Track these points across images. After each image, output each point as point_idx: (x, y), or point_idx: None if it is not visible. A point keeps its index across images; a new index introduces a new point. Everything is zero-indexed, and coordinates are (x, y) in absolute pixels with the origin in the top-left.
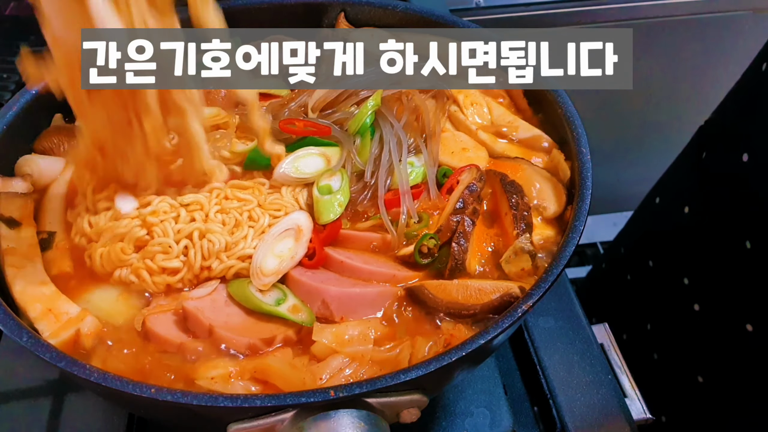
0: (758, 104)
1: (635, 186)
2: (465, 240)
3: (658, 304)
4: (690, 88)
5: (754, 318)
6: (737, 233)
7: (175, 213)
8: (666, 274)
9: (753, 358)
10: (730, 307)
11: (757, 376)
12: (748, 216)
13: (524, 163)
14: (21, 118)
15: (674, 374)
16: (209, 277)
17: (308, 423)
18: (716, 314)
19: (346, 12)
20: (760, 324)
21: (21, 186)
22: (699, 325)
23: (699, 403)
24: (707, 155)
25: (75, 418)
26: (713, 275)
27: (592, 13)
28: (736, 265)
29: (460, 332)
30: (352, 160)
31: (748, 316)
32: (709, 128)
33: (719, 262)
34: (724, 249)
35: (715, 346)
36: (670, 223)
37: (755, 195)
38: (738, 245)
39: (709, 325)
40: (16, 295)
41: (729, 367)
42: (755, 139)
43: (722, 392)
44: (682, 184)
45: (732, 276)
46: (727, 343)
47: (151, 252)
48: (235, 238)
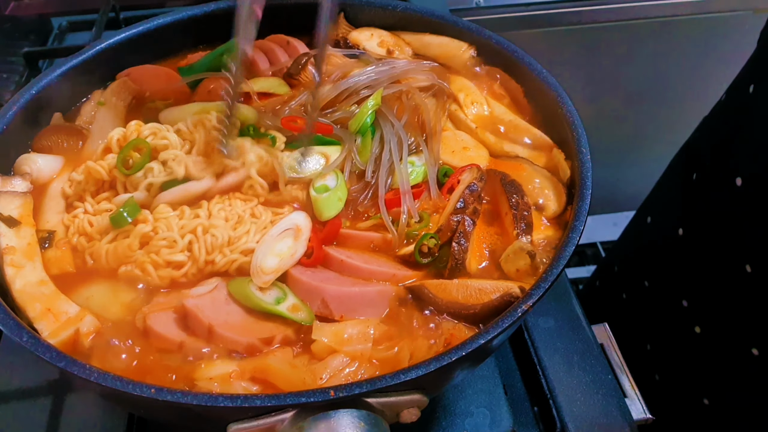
0: (748, 126)
1: (635, 186)
2: (465, 240)
3: (656, 325)
4: (690, 88)
5: (759, 342)
6: (736, 257)
7: (179, 211)
8: (663, 296)
9: (759, 383)
10: (734, 331)
11: (764, 401)
12: (747, 240)
13: (524, 163)
14: (20, 117)
15: (677, 395)
16: (213, 272)
17: (308, 423)
18: (719, 338)
19: (346, 11)
20: (766, 348)
21: (20, 185)
22: (701, 347)
23: (704, 424)
24: (698, 176)
25: (75, 418)
26: (713, 298)
27: (592, 13)
28: (737, 288)
29: (460, 332)
30: (352, 159)
31: (753, 340)
32: (697, 146)
33: (718, 286)
34: (722, 273)
35: (719, 369)
36: (665, 245)
37: (751, 219)
38: (738, 269)
39: (712, 348)
40: (15, 295)
41: (734, 391)
42: (749, 164)
43: (727, 415)
44: (673, 204)
45: (734, 300)
46: (731, 366)
47: (156, 246)
48: (238, 233)
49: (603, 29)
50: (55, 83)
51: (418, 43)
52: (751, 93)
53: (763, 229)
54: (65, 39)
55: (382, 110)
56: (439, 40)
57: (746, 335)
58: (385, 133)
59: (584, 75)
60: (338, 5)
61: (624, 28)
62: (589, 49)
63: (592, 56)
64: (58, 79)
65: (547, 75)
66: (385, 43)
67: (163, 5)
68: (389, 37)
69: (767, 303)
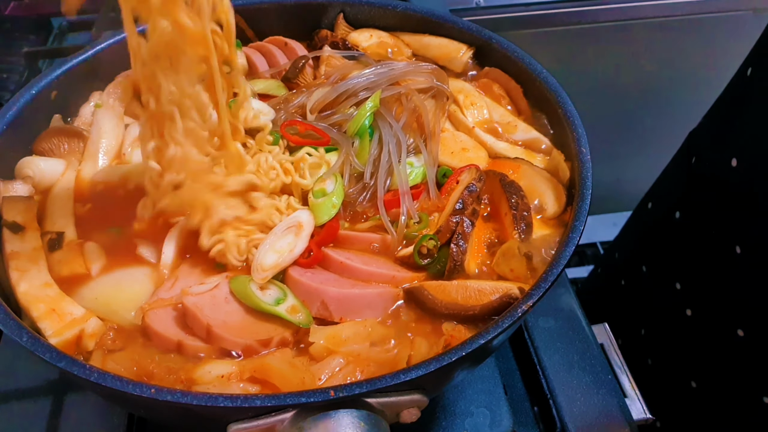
0: (744, 109)
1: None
2: (464, 241)
3: (651, 309)
4: (689, 88)
5: (744, 323)
6: (727, 238)
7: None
8: (659, 280)
9: (744, 364)
10: (721, 313)
11: (748, 382)
12: (737, 221)
13: (524, 164)
14: (21, 118)
15: (668, 379)
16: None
17: (308, 423)
18: (708, 319)
19: (345, 12)
20: (751, 329)
21: (23, 189)
22: (691, 330)
23: (693, 408)
24: (696, 160)
25: (75, 418)
26: (704, 280)
27: (592, 13)
28: (726, 270)
29: (460, 333)
30: (351, 162)
31: (739, 321)
32: (699, 133)
33: (709, 267)
34: (714, 254)
35: (707, 351)
36: (662, 228)
37: (744, 200)
38: (728, 250)
39: (701, 330)
40: (19, 296)
41: (721, 373)
42: (743, 144)
43: (715, 397)
44: (673, 189)
45: (722, 281)
46: (718, 348)
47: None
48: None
49: (603, 29)
50: (55, 83)
51: (418, 44)
52: (748, 76)
53: (754, 209)
54: (65, 39)
55: (381, 112)
56: (439, 41)
57: (733, 316)
58: (384, 134)
59: (584, 75)
60: (338, 5)
61: (624, 28)
62: (589, 49)
63: (592, 56)
64: (58, 79)
65: (547, 75)
66: (384, 44)
67: None
68: (388, 38)
69: (754, 284)
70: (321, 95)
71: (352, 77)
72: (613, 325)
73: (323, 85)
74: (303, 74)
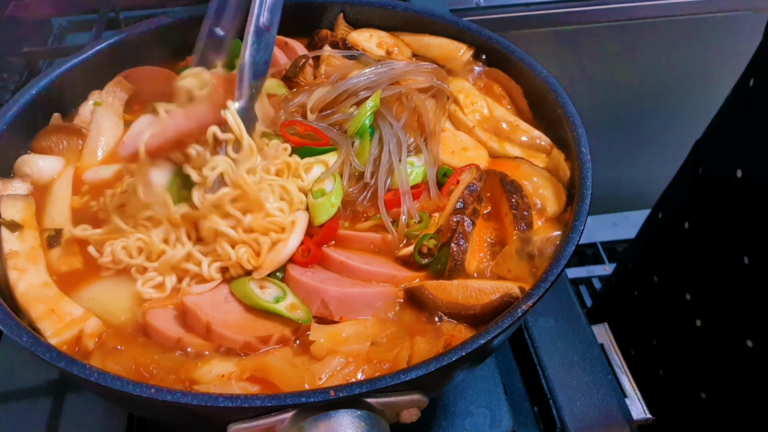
0: (748, 120)
1: (635, 186)
2: (465, 240)
3: (662, 319)
4: (690, 88)
5: (753, 333)
6: (734, 249)
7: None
8: (669, 290)
9: (753, 374)
10: (730, 323)
11: (758, 393)
12: (744, 231)
13: (524, 163)
14: (20, 117)
15: (678, 390)
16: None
17: (308, 423)
18: (717, 330)
19: (345, 12)
20: (760, 339)
21: (21, 187)
22: (701, 340)
23: (703, 419)
24: (702, 171)
25: (75, 418)
26: (713, 291)
27: (592, 13)
28: (735, 280)
29: (460, 332)
30: (350, 162)
31: (748, 331)
32: (704, 143)
33: (718, 278)
34: (722, 264)
35: (717, 362)
36: (672, 239)
37: (749, 211)
38: (736, 261)
39: (711, 340)
40: (18, 296)
41: (731, 383)
42: (747, 155)
43: (724, 409)
44: (681, 199)
45: (731, 291)
46: (727, 359)
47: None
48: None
49: (603, 29)
50: (55, 83)
51: (418, 44)
52: (751, 86)
53: (761, 220)
54: (65, 39)
55: (381, 111)
56: (439, 41)
57: (742, 327)
58: (384, 134)
59: (584, 75)
60: (338, 5)
61: (624, 28)
62: (589, 49)
63: (592, 56)
64: (57, 79)
65: (547, 75)
66: (384, 44)
67: (163, 5)
68: (388, 37)
69: (762, 294)
70: (321, 94)
71: (352, 77)
72: (627, 335)
73: (323, 84)
74: (303, 73)
